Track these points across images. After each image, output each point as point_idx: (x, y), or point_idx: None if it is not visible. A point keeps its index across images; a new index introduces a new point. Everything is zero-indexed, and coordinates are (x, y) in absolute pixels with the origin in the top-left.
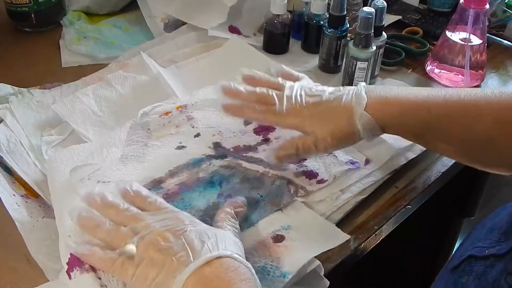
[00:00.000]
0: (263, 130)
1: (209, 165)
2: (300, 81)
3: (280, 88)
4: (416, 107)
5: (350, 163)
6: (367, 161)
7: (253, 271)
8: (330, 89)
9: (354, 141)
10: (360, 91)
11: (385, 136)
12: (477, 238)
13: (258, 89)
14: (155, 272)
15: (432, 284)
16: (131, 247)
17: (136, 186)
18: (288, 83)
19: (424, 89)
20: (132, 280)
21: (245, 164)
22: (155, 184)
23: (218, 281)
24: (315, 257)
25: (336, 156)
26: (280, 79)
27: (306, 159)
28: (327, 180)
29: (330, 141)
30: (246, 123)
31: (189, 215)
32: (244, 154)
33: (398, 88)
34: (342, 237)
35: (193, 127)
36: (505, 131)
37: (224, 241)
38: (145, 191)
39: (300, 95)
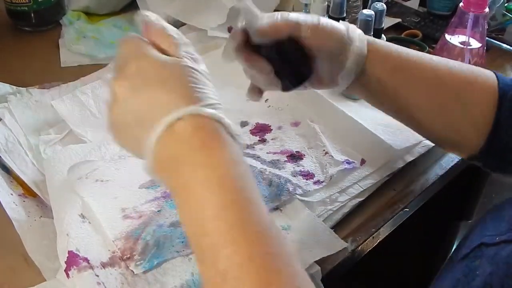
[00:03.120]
0: (260, 131)
1: None
2: None
3: None
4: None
5: (346, 163)
6: (363, 161)
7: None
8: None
9: (341, 45)
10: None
11: (382, 136)
12: (484, 229)
13: None
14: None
15: (437, 276)
16: None
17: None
18: None
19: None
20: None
21: None
22: (154, 182)
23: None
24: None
25: (332, 156)
26: None
27: (302, 159)
28: (323, 181)
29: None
30: (243, 124)
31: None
32: None
33: None
34: (340, 244)
35: None
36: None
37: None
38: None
39: None
